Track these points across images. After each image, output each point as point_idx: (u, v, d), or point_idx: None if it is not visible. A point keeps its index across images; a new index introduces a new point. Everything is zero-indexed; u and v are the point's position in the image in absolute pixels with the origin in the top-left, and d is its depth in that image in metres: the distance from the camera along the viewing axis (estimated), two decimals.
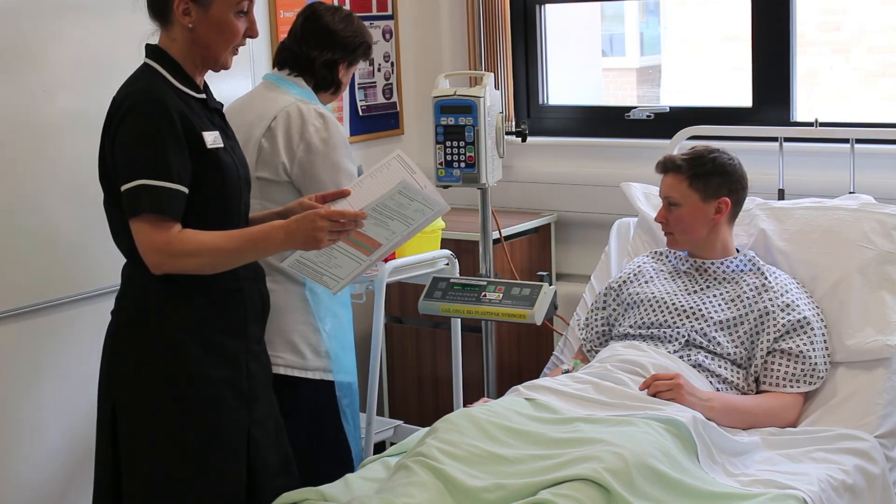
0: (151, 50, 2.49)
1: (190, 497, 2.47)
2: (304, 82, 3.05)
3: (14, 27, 3.15)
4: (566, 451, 2.37)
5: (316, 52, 3.04)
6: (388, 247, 2.55)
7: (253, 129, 2.95)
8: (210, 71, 2.53)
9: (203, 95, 2.50)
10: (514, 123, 4.27)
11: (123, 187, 2.35)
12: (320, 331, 2.98)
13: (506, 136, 3.43)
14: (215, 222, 2.43)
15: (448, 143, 3.35)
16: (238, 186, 2.50)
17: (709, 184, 3.03)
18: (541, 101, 4.46)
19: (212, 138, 2.43)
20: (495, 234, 3.56)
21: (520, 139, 3.64)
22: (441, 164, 3.35)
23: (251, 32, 2.50)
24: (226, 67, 2.52)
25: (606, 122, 4.31)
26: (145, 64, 2.48)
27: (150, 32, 2.50)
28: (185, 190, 2.37)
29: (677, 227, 3.06)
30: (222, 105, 2.62)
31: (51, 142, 3.21)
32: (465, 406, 2.87)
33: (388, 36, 4.39)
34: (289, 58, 3.07)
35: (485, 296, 3.12)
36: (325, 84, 3.08)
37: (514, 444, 2.44)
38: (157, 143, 2.35)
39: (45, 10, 3.19)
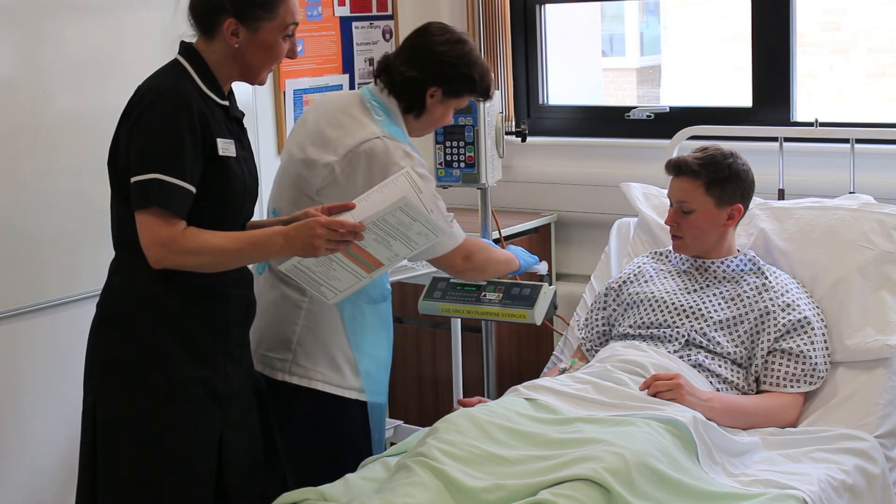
0: (185, 49, 2.50)
1: (157, 492, 2.47)
2: (394, 104, 2.81)
3: (14, 27, 3.15)
4: (566, 452, 2.37)
5: (404, 67, 2.79)
6: (389, 266, 2.56)
7: (328, 146, 2.75)
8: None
9: (226, 102, 2.51)
10: (514, 123, 4.28)
11: (135, 178, 2.36)
12: (359, 348, 2.83)
13: (506, 136, 3.43)
14: (210, 226, 2.43)
15: (448, 143, 3.36)
16: (241, 197, 2.51)
17: (724, 190, 3.01)
18: (541, 101, 4.46)
19: (225, 146, 2.44)
20: (495, 234, 3.56)
21: (520, 139, 3.64)
22: (441, 164, 3.35)
23: (292, 54, 2.53)
24: (262, 83, 2.56)
25: (606, 122, 4.31)
26: (176, 60, 2.49)
27: (188, 34, 2.51)
28: (194, 190, 2.39)
29: (689, 232, 3.04)
30: (243, 114, 2.62)
31: (50, 142, 3.21)
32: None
33: (388, 36, 4.39)
34: (382, 69, 2.85)
35: (484, 296, 3.11)
36: (409, 105, 2.81)
37: (514, 445, 2.44)
38: (176, 140, 2.36)
39: (45, 10, 3.19)
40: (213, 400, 2.50)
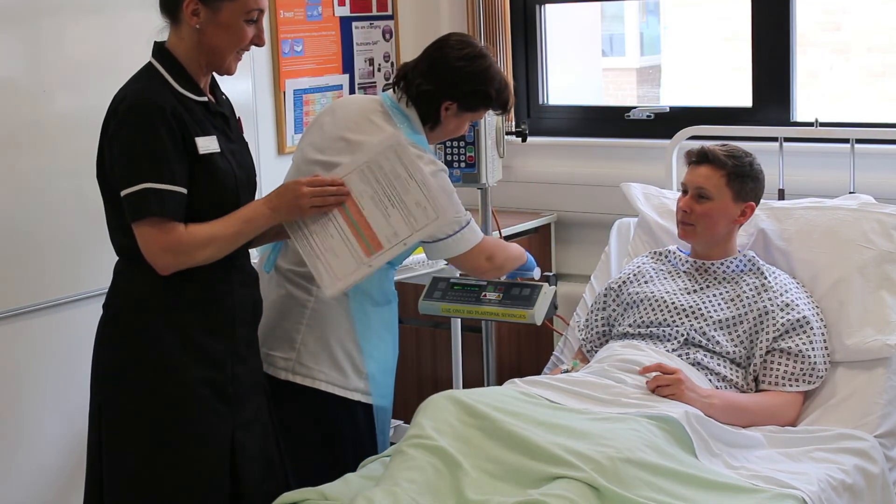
0: (158, 49, 2.49)
1: (163, 495, 2.47)
2: (414, 114, 2.80)
3: (14, 28, 3.15)
4: (554, 440, 2.37)
5: (420, 80, 2.78)
6: (389, 250, 2.55)
7: (350, 151, 2.72)
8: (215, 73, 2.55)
9: (205, 98, 2.50)
10: (514, 123, 4.27)
11: (125, 192, 2.36)
12: (363, 349, 2.83)
13: (506, 136, 3.43)
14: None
15: (448, 143, 3.36)
16: (234, 191, 2.50)
17: (744, 185, 3.03)
18: (541, 101, 4.46)
19: (205, 144, 2.43)
20: (495, 234, 3.56)
21: (520, 139, 3.64)
22: (437, 158, 3.35)
23: (258, 41, 2.51)
24: (230, 73, 2.54)
25: (606, 122, 4.31)
26: (149, 63, 2.48)
27: (159, 28, 2.50)
28: (185, 191, 2.39)
29: (702, 220, 3.04)
30: (229, 104, 2.61)
31: (50, 142, 3.21)
32: None
33: (388, 36, 4.40)
34: (400, 77, 2.84)
35: (485, 296, 3.11)
36: (423, 116, 2.81)
37: (498, 418, 2.44)
38: (157, 146, 2.36)
39: (46, 9, 3.19)
40: (221, 401, 2.49)
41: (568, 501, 2.17)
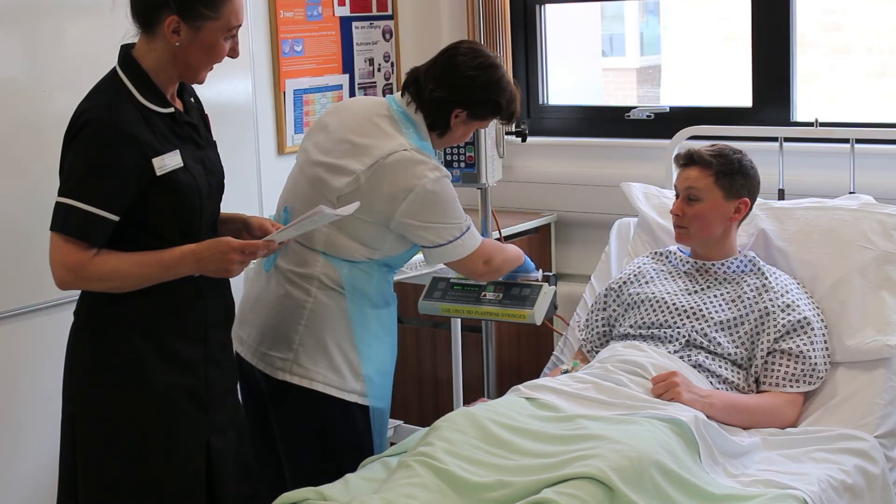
0: (124, 56, 2.44)
1: (139, 501, 2.45)
2: (421, 119, 2.79)
3: (14, 27, 3.15)
4: (569, 448, 2.37)
5: (433, 85, 2.77)
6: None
7: (355, 154, 2.74)
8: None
9: (171, 109, 2.44)
10: (514, 123, 4.27)
11: (56, 199, 2.35)
12: (361, 351, 2.82)
13: (506, 136, 3.43)
14: (173, 239, 2.41)
15: None
16: (196, 205, 2.45)
17: (734, 183, 3.03)
18: (541, 101, 4.46)
19: (165, 163, 2.38)
20: (495, 234, 3.56)
21: (520, 139, 3.64)
22: (441, 164, 3.35)
23: (233, 54, 2.48)
24: (201, 83, 2.51)
25: (606, 122, 4.31)
26: (114, 72, 2.43)
27: (133, 32, 2.46)
28: (113, 217, 2.34)
29: (695, 222, 3.05)
30: (199, 105, 2.58)
31: (50, 142, 3.20)
32: (464, 406, 2.87)
33: (388, 36, 4.40)
34: (411, 82, 2.82)
35: (485, 296, 3.11)
36: (432, 122, 2.80)
37: (516, 443, 2.44)
38: (98, 167, 2.33)
39: (45, 10, 3.19)
40: (196, 406, 2.48)
41: (579, 500, 2.17)
